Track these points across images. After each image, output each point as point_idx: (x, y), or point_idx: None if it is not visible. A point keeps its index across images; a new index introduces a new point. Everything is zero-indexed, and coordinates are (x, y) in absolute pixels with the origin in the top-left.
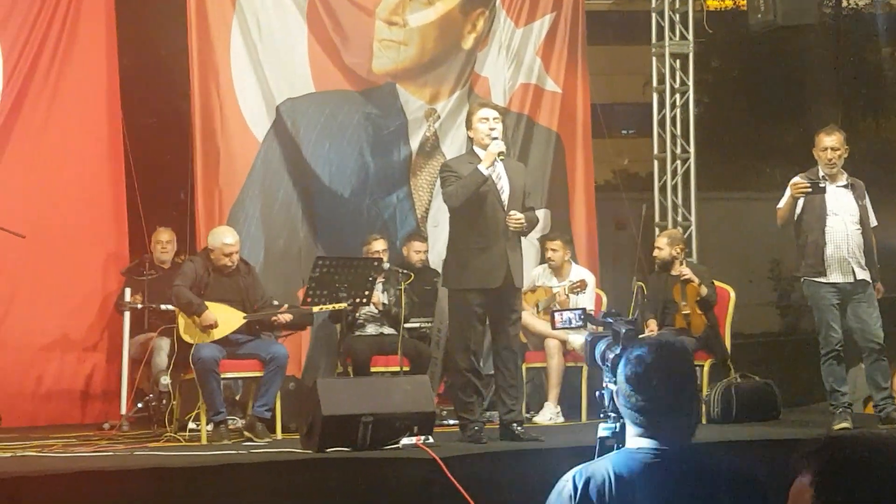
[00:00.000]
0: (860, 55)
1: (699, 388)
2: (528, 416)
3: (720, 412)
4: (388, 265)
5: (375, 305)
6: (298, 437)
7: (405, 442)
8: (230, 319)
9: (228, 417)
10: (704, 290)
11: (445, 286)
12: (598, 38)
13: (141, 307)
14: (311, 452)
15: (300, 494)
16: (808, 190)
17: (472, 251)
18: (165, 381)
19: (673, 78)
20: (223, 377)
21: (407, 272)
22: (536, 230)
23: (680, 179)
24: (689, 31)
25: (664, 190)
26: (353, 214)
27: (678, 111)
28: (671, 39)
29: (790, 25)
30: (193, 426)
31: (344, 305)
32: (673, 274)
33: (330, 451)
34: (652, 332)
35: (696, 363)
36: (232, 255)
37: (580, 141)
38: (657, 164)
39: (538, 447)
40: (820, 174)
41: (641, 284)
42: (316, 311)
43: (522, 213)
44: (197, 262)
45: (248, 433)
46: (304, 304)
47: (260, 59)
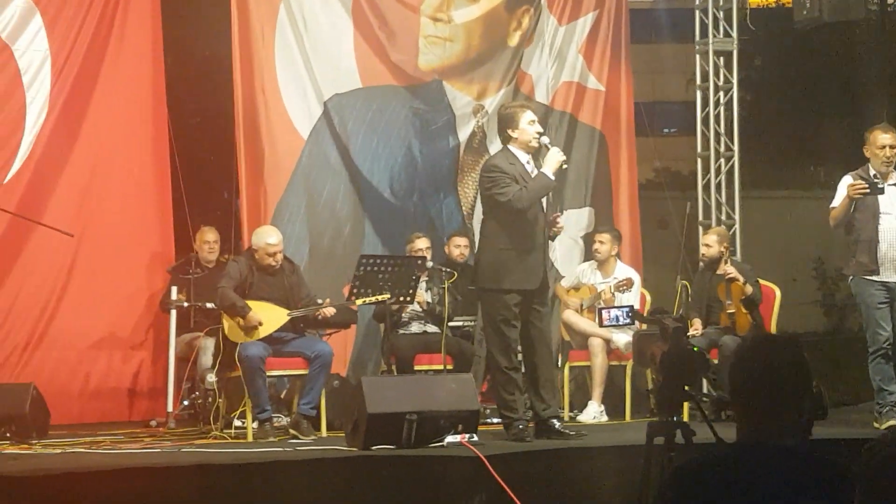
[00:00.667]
0: None
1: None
2: (571, 414)
3: None
4: (431, 264)
5: (420, 304)
6: (343, 434)
7: (450, 440)
8: (274, 317)
9: (274, 415)
10: (749, 288)
11: (480, 286)
12: (639, 35)
13: (186, 306)
14: (356, 450)
15: (345, 491)
16: (866, 191)
17: (514, 253)
18: (211, 379)
19: (717, 76)
20: (268, 375)
21: (450, 271)
22: (580, 228)
23: (724, 178)
24: (732, 28)
25: (707, 188)
26: (399, 212)
27: (722, 109)
28: (715, 37)
29: (836, 21)
30: (239, 424)
31: (387, 296)
32: (718, 273)
33: (375, 448)
34: (696, 331)
35: None
36: (275, 254)
37: (624, 139)
38: (700, 162)
39: (581, 445)
40: (871, 172)
41: (686, 283)
42: (359, 303)
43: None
44: (241, 262)
45: (293, 431)
46: (347, 300)
47: (306, 56)
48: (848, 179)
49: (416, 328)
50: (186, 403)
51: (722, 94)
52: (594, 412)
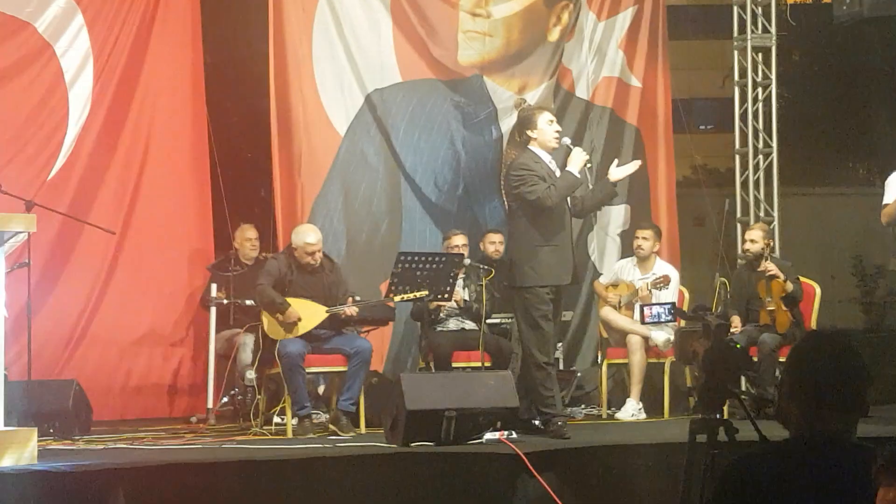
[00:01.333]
0: None
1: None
2: (609, 412)
3: None
4: (468, 261)
5: (458, 302)
6: (382, 431)
7: (489, 437)
8: (313, 315)
9: (313, 412)
10: (790, 285)
11: (515, 283)
12: (675, 32)
13: (226, 303)
14: (395, 446)
15: (385, 487)
16: None
17: (548, 248)
18: (251, 375)
19: (755, 72)
20: (307, 372)
21: (488, 268)
22: (617, 225)
23: (762, 174)
24: (771, 24)
25: (746, 185)
26: (439, 207)
27: (760, 105)
28: (753, 33)
29: (876, 17)
30: (279, 420)
31: (425, 293)
32: (758, 270)
33: (414, 445)
34: (736, 328)
35: (780, 360)
36: (314, 253)
37: (662, 136)
38: (739, 158)
39: (621, 442)
40: None
41: (724, 280)
42: (397, 300)
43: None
44: (280, 259)
45: (332, 426)
46: (385, 297)
47: (344, 52)
48: None
49: (453, 325)
50: (226, 400)
51: (760, 90)
52: (632, 409)
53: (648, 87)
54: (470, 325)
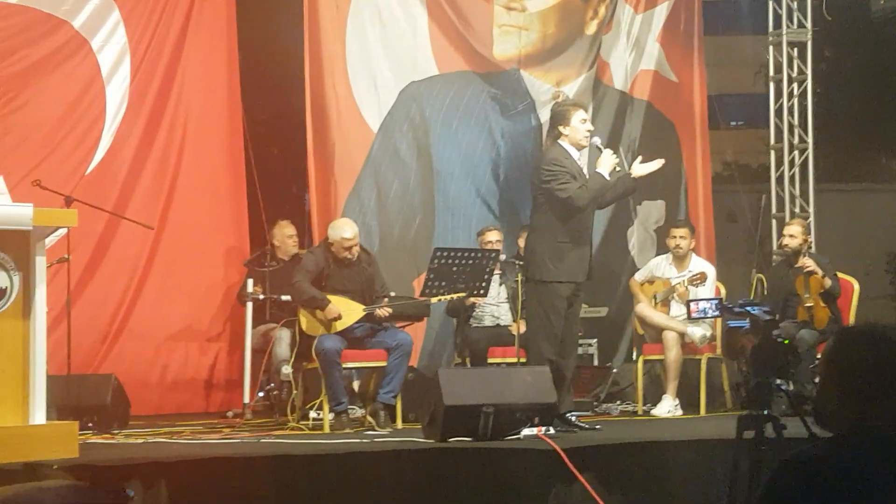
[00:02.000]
0: None
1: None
2: (645, 408)
3: None
4: (504, 256)
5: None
6: (419, 426)
7: (526, 433)
8: (351, 312)
9: (349, 407)
10: (828, 282)
11: (534, 277)
12: (706, 27)
13: (262, 298)
14: (433, 442)
15: (422, 483)
16: None
17: (570, 245)
18: (287, 370)
19: (790, 67)
20: (345, 367)
21: (523, 264)
22: (653, 221)
23: (798, 170)
24: (807, 18)
25: (781, 181)
26: (478, 201)
27: (795, 101)
28: (789, 27)
29: None
30: (315, 415)
31: (462, 294)
32: (796, 266)
33: (452, 440)
34: None
35: (817, 356)
36: (351, 248)
37: (698, 132)
38: (774, 154)
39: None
40: None
41: (761, 276)
42: (434, 301)
43: None
44: (317, 253)
45: (370, 419)
46: (421, 294)
47: (378, 47)
48: None
49: (488, 321)
50: (262, 395)
51: (796, 85)
52: (669, 406)
53: (684, 81)
54: (505, 320)
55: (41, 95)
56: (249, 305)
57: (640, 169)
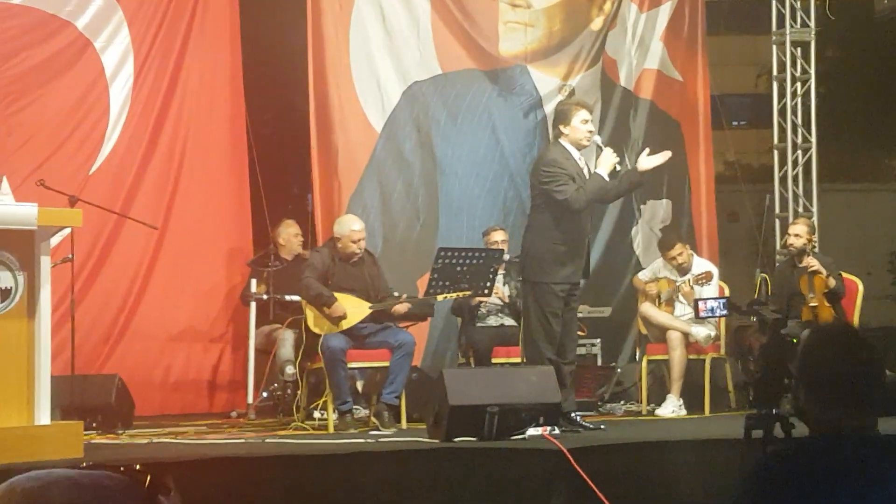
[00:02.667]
0: None
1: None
2: (649, 408)
3: None
4: (508, 256)
5: (501, 299)
6: (423, 426)
7: (531, 432)
8: (357, 310)
9: (354, 407)
10: (833, 281)
11: (531, 278)
12: (709, 27)
13: (266, 298)
14: (437, 442)
15: (427, 483)
16: None
17: (566, 247)
18: (291, 370)
19: (794, 66)
20: (350, 367)
21: (520, 264)
22: (658, 220)
23: (801, 170)
24: (810, 18)
25: (784, 180)
26: (483, 200)
27: (799, 100)
28: (792, 27)
29: None
30: (319, 415)
31: (467, 293)
32: (800, 265)
33: (457, 440)
34: None
35: None
36: (360, 241)
37: (702, 132)
38: (777, 154)
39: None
40: None
41: (765, 276)
42: (440, 299)
43: None
44: (323, 252)
45: (374, 420)
46: (425, 294)
47: (382, 47)
48: None
49: (493, 321)
50: (266, 395)
51: (799, 84)
52: (673, 406)
53: (688, 81)
54: (509, 321)
55: (45, 96)
56: (253, 305)
57: (646, 162)
